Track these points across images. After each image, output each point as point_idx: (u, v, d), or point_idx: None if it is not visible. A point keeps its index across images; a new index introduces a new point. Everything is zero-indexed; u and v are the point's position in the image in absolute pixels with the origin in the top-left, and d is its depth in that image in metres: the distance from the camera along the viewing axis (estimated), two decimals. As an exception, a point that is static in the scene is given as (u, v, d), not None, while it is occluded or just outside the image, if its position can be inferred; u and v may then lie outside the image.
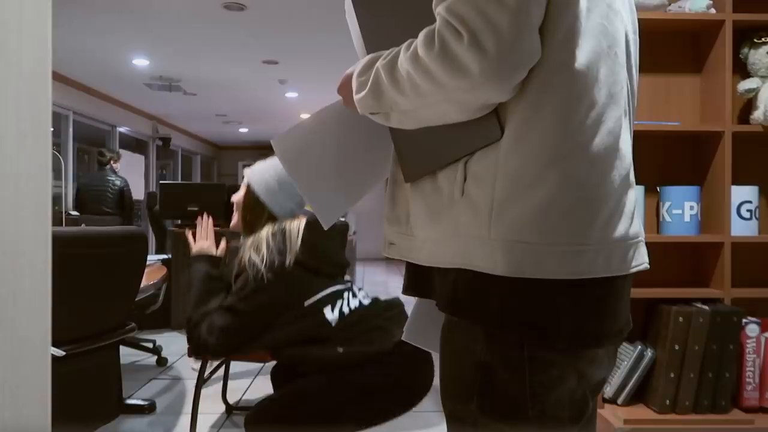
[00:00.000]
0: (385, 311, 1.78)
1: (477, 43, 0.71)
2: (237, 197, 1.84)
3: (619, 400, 2.04)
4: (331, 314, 1.66)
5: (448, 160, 0.86)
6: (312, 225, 1.75)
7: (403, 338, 1.10)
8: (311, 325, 1.64)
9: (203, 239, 1.88)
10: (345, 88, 0.94)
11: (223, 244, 1.91)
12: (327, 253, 1.76)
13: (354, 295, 1.76)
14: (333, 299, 1.69)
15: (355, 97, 0.86)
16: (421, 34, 0.77)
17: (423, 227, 0.90)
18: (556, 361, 0.81)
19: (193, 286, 1.78)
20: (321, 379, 1.64)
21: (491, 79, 0.73)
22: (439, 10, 0.75)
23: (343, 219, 1.79)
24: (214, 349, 1.65)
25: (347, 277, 1.85)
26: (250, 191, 1.79)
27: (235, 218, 1.86)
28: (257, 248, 1.67)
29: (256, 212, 1.78)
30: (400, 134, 0.94)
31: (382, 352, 1.64)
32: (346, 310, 1.69)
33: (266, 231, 1.70)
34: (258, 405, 1.72)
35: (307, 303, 1.65)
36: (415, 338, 1.10)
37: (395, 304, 1.84)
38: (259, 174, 1.79)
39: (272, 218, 1.76)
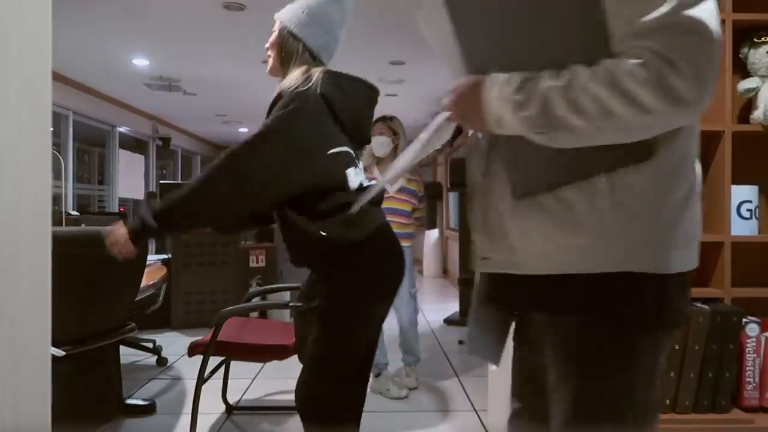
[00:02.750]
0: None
1: (698, 76, 0.82)
2: (271, 40, 1.80)
3: (619, 400, 2.04)
4: (354, 177, 1.66)
5: (585, 175, 0.94)
6: (356, 81, 1.75)
7: (467, 353, 1.19)
8: (332, 176, 1.63)
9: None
10: (465, 102, 0.98)
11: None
12: (359, 116, 1.75)
13: (358, 171, 1.74)
14: (351, 161, 1.68)
15: (517, 115, 0.90)
16: (622, 64, 0.84)
17: (545, 239, 0.98)
18: (671, 341, 1.03)
19: (167, 218, 1.60)
20: (320, 328, 1.66)
21: (701, 106, 0.85)
22: (647, 45, 0.83)
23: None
24: (248, 164, 1.56)
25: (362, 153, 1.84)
26: (282, 28, 1.75)
27: (271, 61, 1.81)
28: (302, 78, 1.65)
29: (291, 47, 1.74)
30: (513, 152, 1.00)
31: (362, 239, 1.65)
32: (358, 180, 1.68)
33: (315, 69, 1.68)
34: (300, 392, 1.71)
35: (330, 151, 1.64)
36: (478, 352, 1.17)
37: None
38: (289, 11, 1.77)
39: (309, 52, 1.74)
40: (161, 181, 7.16)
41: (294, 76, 1.68)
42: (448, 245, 8.99)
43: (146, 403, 3.04)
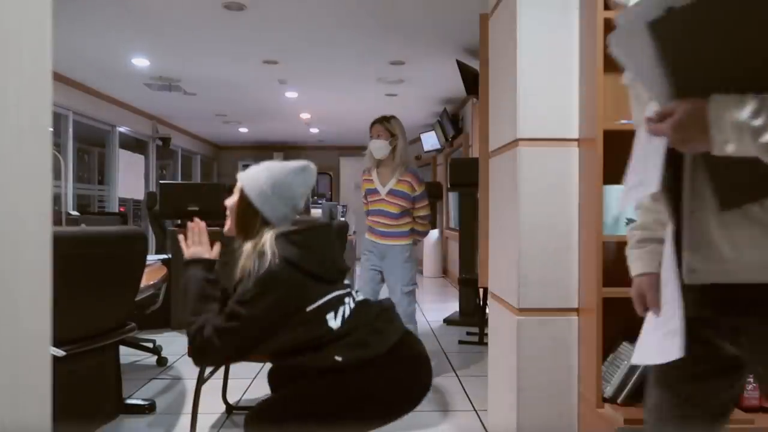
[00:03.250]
0: (379, 314, 1.77)
1: None
2: (230, 202, 1.81)
3: (619, 400, 2.04)
4: (333, 321, 1.66)
5: None
6: (311, 231, 1.74)
7: (634, 361, 1.33)
8: (313, 330, 1.63)
9: (196, 244, 1.86)
10: (687, 127, 0.98)
11: (216, 247, 1.89)
12: (327, 259, 1.75)
13: (354, 300, 1.76)
14: (335, 305, 1.68)
15: (757, 140, 0.92)
16: None
17: (758, 248, 1.05)
18: None
19: (189, 290, 1.75)
20: (321, 381, 1.63)
21: None
22: None
23: (342, 219, 1.78)
24: (218, 350, 1.63)
25: (347, 282, 1.84)
26: (243, 196, 1.77)
27: (229, 223, 1.83)
28: (256, 254, 1.65)
29: (250, 217, 1.75)
30: (718, 166, 1.03)
31: (380, 355, 1.64)
32: (347, 314, 1.69)
33: (264, 237, 1.69)
34: (258, 405, 1.72)
35: (309, 308, 1.64)
36: (649, 358, 1.28)
37: (387, 306, 1.84)
38: (252, 179, 1.77)
39: (266, 223, 1.74)
40: (161, 181, 7.15)
41: (249, 255, 1.69)
42: (448, 245, 8.99)
43: (146, 403, 3.04)
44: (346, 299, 1.72)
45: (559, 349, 2.22)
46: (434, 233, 9.24)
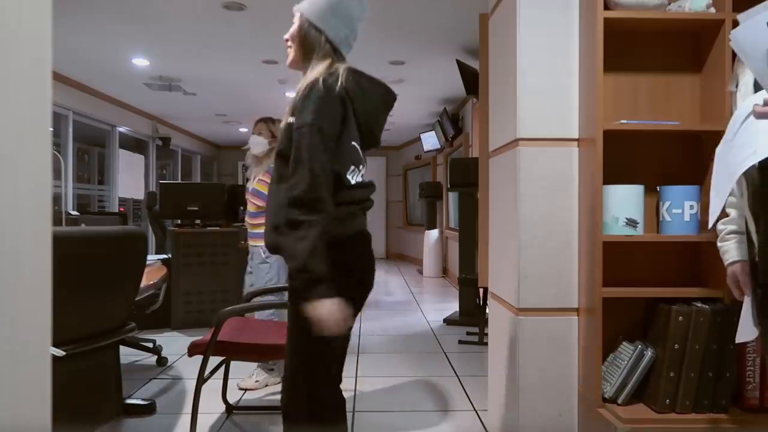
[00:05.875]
0: (363, 200, 1.76)
1: None
2: (291, 32, 1.80)
3: (619, 400, 2.04)
4: (350, 175, 1.65)
5: None
6: (377, 85, 1.75)
7: (738, 340, 1.56)
8: (341, 166, 1.63)
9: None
10: None
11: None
12: (374, 119, 1.76)
13: (359, 170, 1.74)
14: (359, 159, 1.68)
15: None
16: None
17: None
18: None
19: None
20: (292, 314, 1.65)
21: None
22: None
23: None
24: (312, 172, 1.53)
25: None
26: (303, 19, 1.76)
27: (292, 54, 1.80)
28: (327, 73, 1.64)
29: (313, 39, 1.73)
30: None
31: (346, 236, 1.65)
32: (354, 179, 1.68)
33: (339, 65, 1.68)
34: (283, 398, 1.71)
35: (347, 143, 1.64)
36: (746, 335, 1.51)
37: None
38: (310, 3, 1.77)
39: (330, 44, 1.73)
40: (161, 181, 7.15)
41: (319, 69, 1.67)
42: (448, 245, 8.99)
43: (146, 403, 3.04)
44: (361, 166, 1.72)
45: (559, 349, 2.22)
46: (434, 233, 9.24)
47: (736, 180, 1.38)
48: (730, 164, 1.40)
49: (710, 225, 1.51)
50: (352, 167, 1.66)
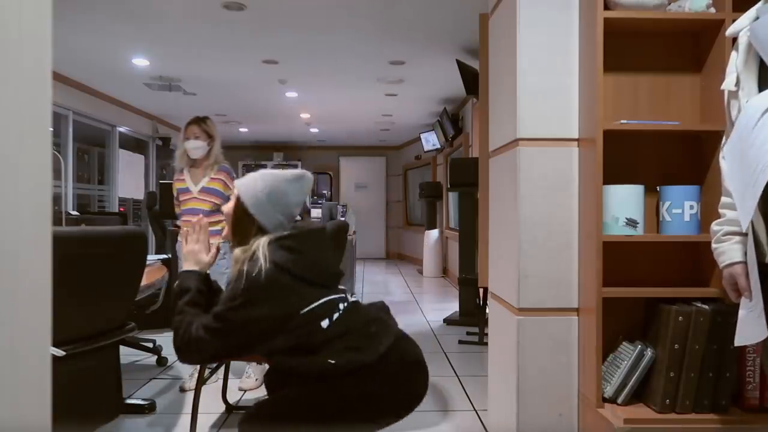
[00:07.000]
0: (373, 317, 1.76)
1: None
2: (227, 208, 1.84)
3: (619, 400, 2.04)
4: (325, 323, 1.66)
5: None
6: (304, 235, 1.75)
7: (737, 343, 1.51)
8: (308, 335, 1.63)
9: (195, 242, 1.87)
10: None
11: (214, 249, 1.91)
12: (320, 263, 1.75)
13: (335, 313, 1.74)
14: (329, 310, 1.68)
15: None
16: None
17: None
18: None
19: (180, 296, 1.79)
20: (315, 386, 1.63)
21: None
22: None
23: (342, 219, 1.79)
24: (203, 348, 1.63)
25: (342, 287, 1.84)
26: (239, 202, 1.78)
27: (227, 229, 1.87)
28: (247, 259, 1.66)
29: (245, 224, 1.77)
30: None
31: (373, 359, 1.63)
32: (335, 317, 1.69)
33: (256, 243, 1.69)
34: (252, 408, 1.72)
35: (303, 311, 1.64)
36: (747, 338, 1.47)
37: (381, 308, 1.84)
38: (248, 186, 1.78)
39: (261, 230, 1.76)
40: (161, 181, 7.15)
41: (240, 260, 1.69)
42: (448, 245, 8.99)
43: (146, 403, 3.04)
44: (340, 305, 1.72)
45: (559, 349, 2.22)
46: (434, 233, 9.24)
47: (767, 179, 1.33)
48: (750, 164, 1.36)
49: (744, 228, 1.46)
50: (326, 320, 1.66)
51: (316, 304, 1.66)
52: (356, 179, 12.60)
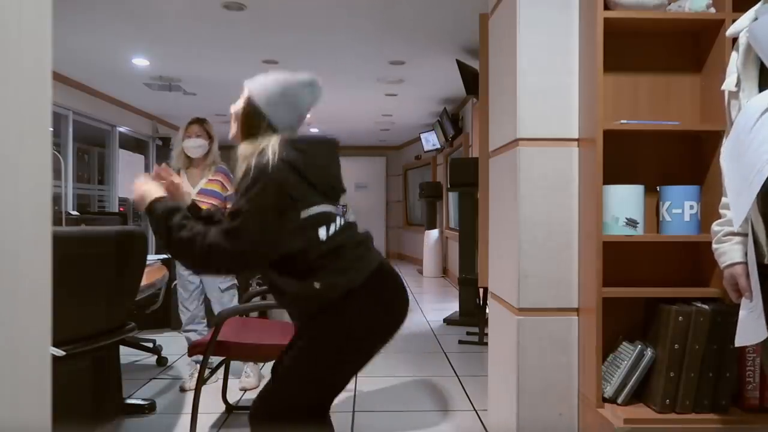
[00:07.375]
0: (362, 240, 1.78)
1: None
2: (235, 108, 1.79)
3: (619, 400, 2.04)
4: (323, 233, 1.66)
5: None
6: (318, 141, 1.74)
7: (737, 344, 1.50)
8: (305, 241, 1.63)
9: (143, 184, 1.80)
10: None
11: (176, 179, 1.89)
12: (328, 173, 1.75)
13: (332, 225, 1.74)
14: (327, 220, 1.68)
15: None
16: None
17: None
18: None
19: (171, 217, 1.66)
20: (305, 345, 1.65)
21: None
22: None
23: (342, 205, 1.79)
24: (225, 252, 1.56)
25: (342, 203, 1.82)
26: (249, 101, 1.75)
27: (234, 129, 1.81)
28: (256, 154, 1.63)
29: (256, 122, 1.72)
30: None
31: (360, 284, 1.65)
32: (326, 234, 1.68)
33: (267, 141, 1.66)
34: (258, 397, 1.71)
35: (303, 214, 1.63)
36: (747, 339, 1.47)
37: (369, 235, 1.85)
38: (261, 84, 1.75)
39: (271, 128, 1.71)
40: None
41: (249, 156, 1.66)
42: (448, 245, 8.99)
43: (146, 403, 3.04)
44: (337, 219, 1.72)
45: (559, 349, 2.22)
46: (434, 233, 9.24)
47: (764, 178, 1.32)
48: (748, 164, 1.36)
49: (736, 227, 1.51)
50: (323, 230, 1.66)
51: (318, 209, 1.65)
52: (356, 179, 12.59)
